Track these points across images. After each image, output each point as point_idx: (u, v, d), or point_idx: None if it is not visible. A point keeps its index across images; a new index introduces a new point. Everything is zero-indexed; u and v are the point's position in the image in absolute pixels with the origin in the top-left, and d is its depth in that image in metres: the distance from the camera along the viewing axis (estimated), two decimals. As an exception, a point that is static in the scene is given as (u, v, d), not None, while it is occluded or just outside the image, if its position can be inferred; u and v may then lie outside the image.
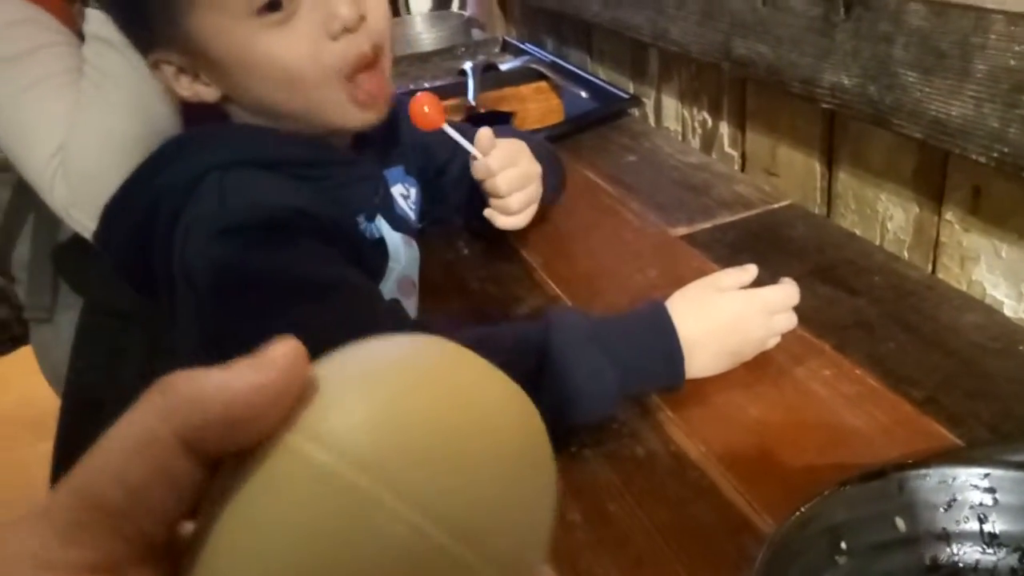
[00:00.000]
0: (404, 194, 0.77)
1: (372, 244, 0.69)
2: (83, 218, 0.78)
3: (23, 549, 0.18)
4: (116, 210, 0.64)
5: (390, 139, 0.75)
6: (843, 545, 0.39)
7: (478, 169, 0.75)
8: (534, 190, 0.79)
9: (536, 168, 0.80)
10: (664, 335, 0.60)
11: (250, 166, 0.61)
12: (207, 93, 0.64)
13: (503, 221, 0.78)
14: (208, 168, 0.60)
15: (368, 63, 0.62)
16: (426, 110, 0.73)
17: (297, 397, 0.20)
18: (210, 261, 0.57)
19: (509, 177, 0.76)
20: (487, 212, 0.78)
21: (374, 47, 0.62)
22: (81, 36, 0.89)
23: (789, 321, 0.65)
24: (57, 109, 0.84)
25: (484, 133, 0.75)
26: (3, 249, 1.04)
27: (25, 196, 0.95)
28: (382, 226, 0.70)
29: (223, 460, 0.20)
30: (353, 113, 0.64)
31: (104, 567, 0.18)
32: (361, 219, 0.69)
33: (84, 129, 0.80)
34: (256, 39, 0.59)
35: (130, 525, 0.18)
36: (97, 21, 0.82)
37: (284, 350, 0.20)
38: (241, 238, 0.57)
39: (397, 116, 0.74)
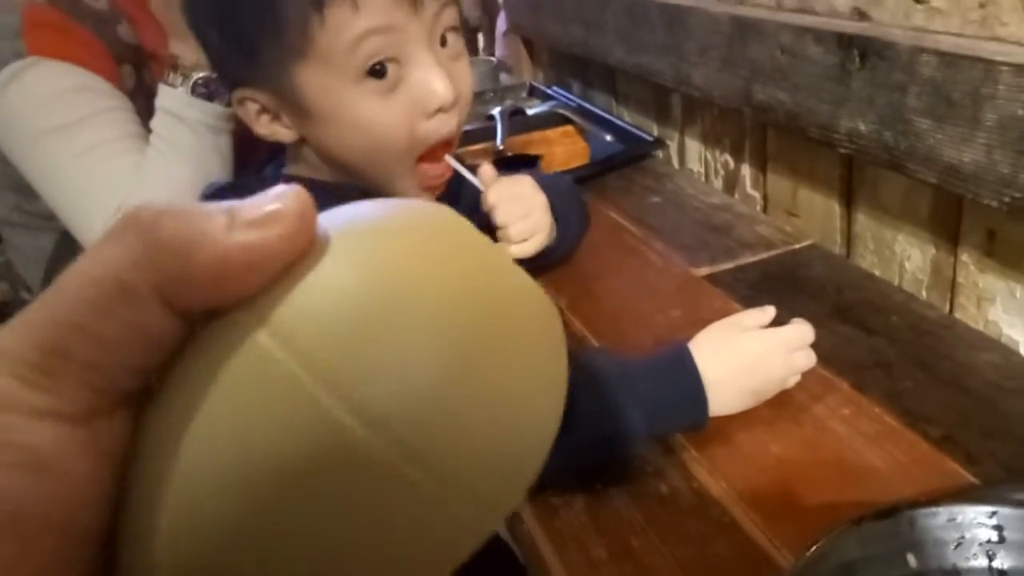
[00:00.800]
0: None
1: None
2: None
3: None
4: None
5: (448, 200, 0.79)
6: (856, 580, 0.41)
7: (481, 202, 0.79)
8: (537, 219, 0.82)
9: (539, 198, 0.83)
10: (688, 377, 0.63)
11: None
12: (285, 135, 0.68)
13: (512, 250, 0.81)
14: None
15: (447, 142, 0.67)
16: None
17: (300, 255, 0.17)
18: None
19: (507, 208, 0.79)
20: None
21: (457, 129, 0.67)
22: (128, 95, 0.94)
23: (808, 359, 0.67)
24: (114, 174, 0.89)
25: (487, 168, 0.79)
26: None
27: (70, 246, 1.00)
28: None
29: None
30: (413, 191, 0.68)
31: (70, 416, 0.16)
32: None
33: (148, 195, 0.84)
34: (357, 100, 0.63)
35: (100, 377, 0.17)
36: (169, 97, 0.88)
37: (295, 205, 0.17)
38: None
39: (459, 181, 0.78)
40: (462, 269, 0.19)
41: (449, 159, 0.77)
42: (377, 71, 0.63)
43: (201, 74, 0.87)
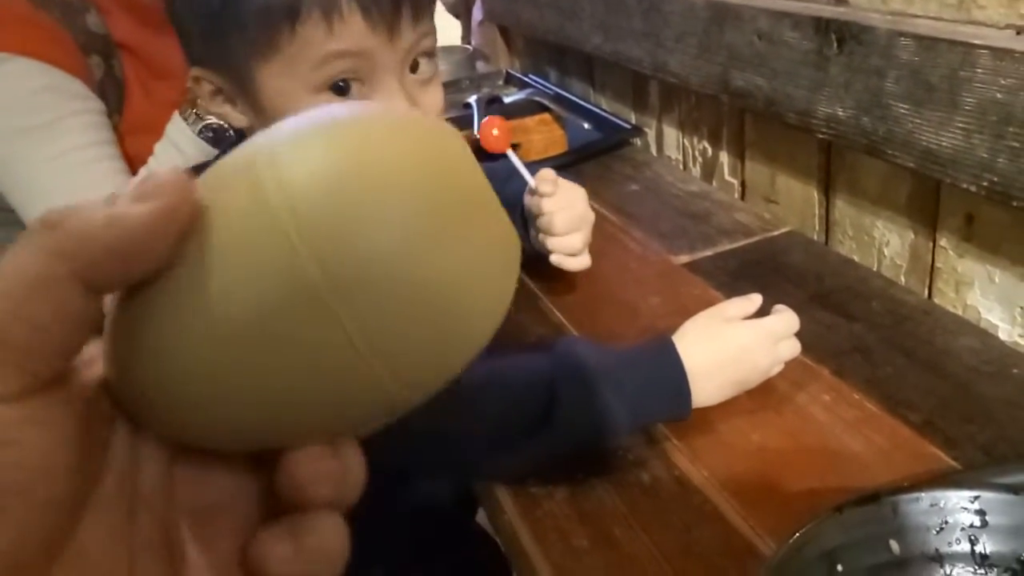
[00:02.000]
0: None
1: None
2: None
3: None
4: None
5: None
6: (839, 568, 0.41)
7: (532, 205, 0.78)
8: (588, 233, 0.82)
9: (591, 215, 0.83)
10: (671, 369, 0.62)
11: None
12: (236, 119, 0.66)
13: (571, 263, 0.81)
14: None
15: None
16: (495, 132, 0.76)
17: (188, 223, 0.20)
18: None
19: (566, 217, 0.78)
20: (554, 258, 0.81)
21: None
22: (94, 87, 0.93)
23: (793, 348, 0.67)
24: (83, 184, 0.87)
25: (547, 171, 0.78)
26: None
27: None
28: None
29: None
30: None
31: (11, 397, 0.19)
32: None
33: None
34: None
35: (34, 361, 0.19)
36: (177, 128, 0.88)
37: (168, 176, 0.20)
38: None
39: None
40: (433, 161, 0.22)
41: (511, 154, 0.76)
42: (340, 88, 0.61)
43: (212, 121, 0.87)
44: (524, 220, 0.85)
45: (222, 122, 0.87)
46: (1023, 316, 0.72)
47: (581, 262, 0.81)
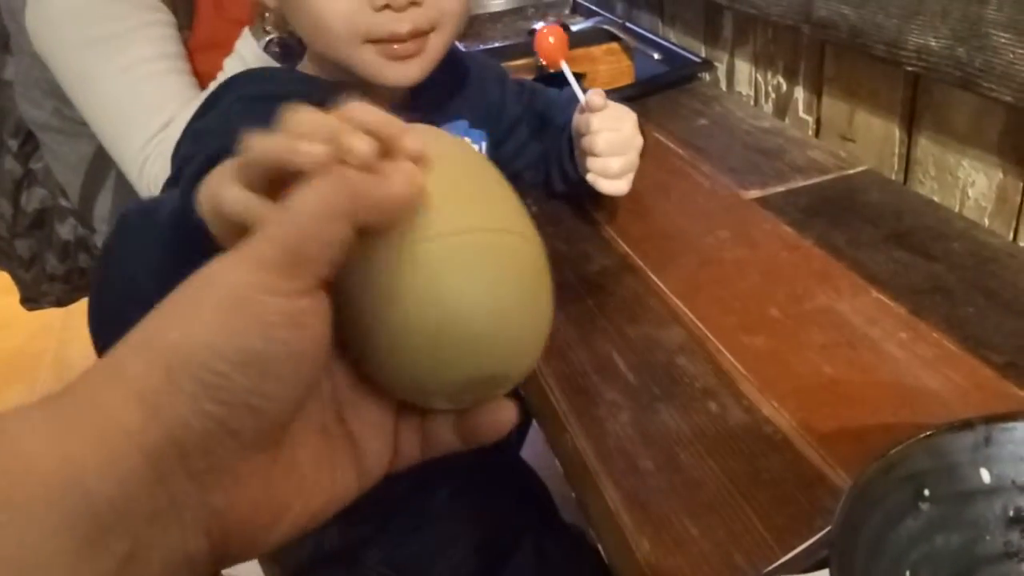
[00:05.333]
0: None
1: None
2: None
3: (251, 279, 0.25)
4: (175, 155, 0.66)
5: (450, 91, 0.76)
6: (926, 492, 0.40)
7: (580, 123, 0.76)
8: (634, 158, 0.79)
9: (639, 139, 0.79)
10: None
11: (275, 101, 0.63)
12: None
13: (605, 185, 0.77)
14: (240, 100, 0.63)
15: (400, 40, 0.63)
16: (551, 40, 0.73)
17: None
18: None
19: (610, 139, 0.75)
20: (589, 177, 0.78)
21: (414, 30, 0.62)
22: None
23: None
24: (154, 97, 0.87)
25: (596, 91, 0.75)
26: (85, 201, 1.08)
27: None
28: None
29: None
30: (388, 69, 0.64)
31: (307, 292, 0.26)
32: None
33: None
34: None
35: (320, 267, 0.26)
36: (246, 45, 0.88)
37: (412, 171, 0.28)
38: (201, 149, 0.57)
39: (465, 70, 0.75)
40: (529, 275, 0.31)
41: (565, 67, 0.73)
42: None
43: (277, 35, 0.86)
44: (571, 153, 0.82)
45: (289, 37, 0.86)
46: (1117, 262, 0.69)
47: (616, 186, 0.78)
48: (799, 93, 1.06)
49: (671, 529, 0.51)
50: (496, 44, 1.33)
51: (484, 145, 0.82)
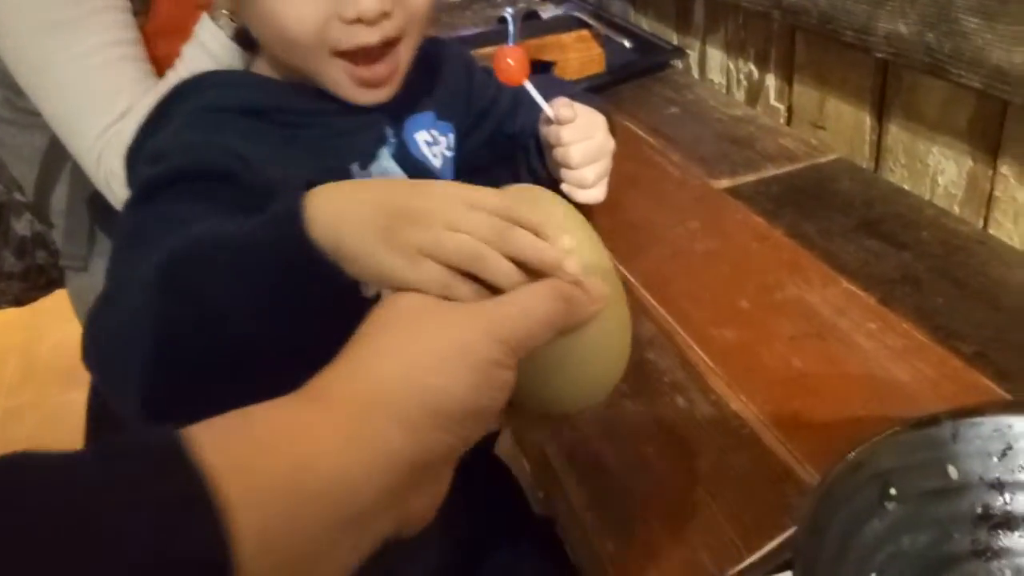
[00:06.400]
0: (429, 140, 0.76)
1: None
2: (123, 192, 0.79)
3: (490, 352, 0.33)
4: (132, 170, 0.63)
5: (418, 83, 0.73)
6: (892, 491, 0.39)
7: (550, 135, 0.74)
8: (607, 164, 0.77)
9: (611, 143, 0.77)
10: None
11: (233, 112, 0.60)
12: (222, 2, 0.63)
13: (582, 195, 0.76)
14: (194, 112, 0.60)
15: (370, 53, 0.60)
16: (510, 62, 0.71)
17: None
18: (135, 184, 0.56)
19: (584, 149, 0.73)
20: (564, 187, 0.76)
21: (384, 39, 0.60)
22: None
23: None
24: (109, 85, 0.84)
25: (563, 101, 0.73)
26: (40, 195, 1.05)
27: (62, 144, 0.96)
28: (390, 170, 0.69)
29: None
30: (353, 92, 0.62)
31: (506, 366, 0.33)
32: (355, 167, 0.67)
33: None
34: None
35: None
36: (208, 31, 0.84)
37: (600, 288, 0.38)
38: (163, 170, 0.54)
39: (433, 60, 0.73)
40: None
41: (528, 86, 0.71)
42: None
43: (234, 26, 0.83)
44: (539, 150, 0.80)
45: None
46: (1086, 249, 0.68)
47: (592, 195, 0.76)
48: (770, 80, 1.05)
49: (636, 529, 0.50)
50: (465, 32, 1.31)
51: (452, 137, 0.79)
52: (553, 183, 0.78)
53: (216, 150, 0.55)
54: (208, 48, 0.85)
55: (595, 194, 0.76)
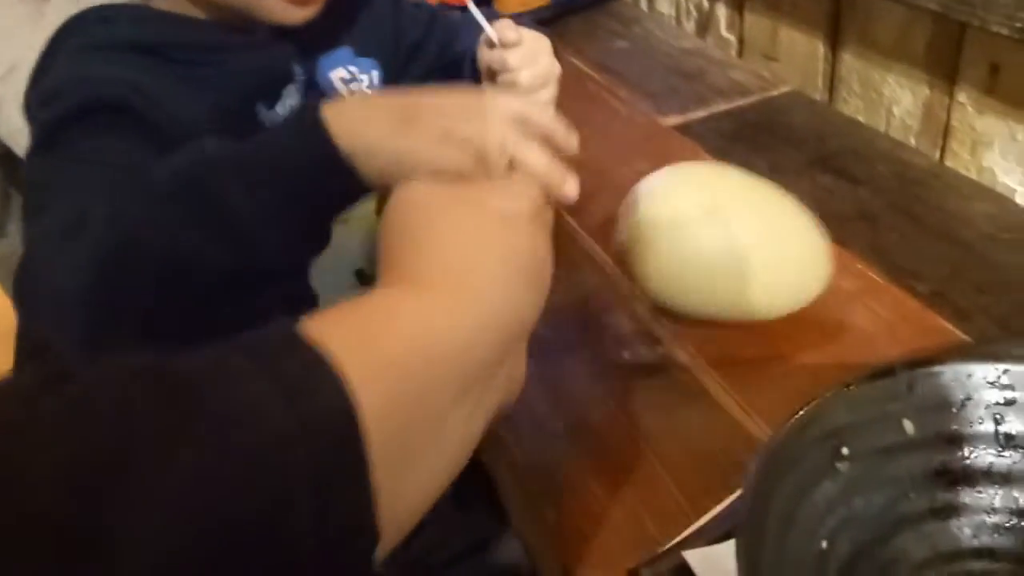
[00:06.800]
0: (346, 77, 0.71)
1: None
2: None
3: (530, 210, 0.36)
4: (32, 117, 0.57)
5: (332, 17, 0.68)
6: (844, 451, 0.36)
7: (493, 59, 0.68)
8: (554, 91, 0.72)
9: (557, 67, 0.72)
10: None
11: (121, 49, 0.55)
12: None
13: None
14: (83, 49, 0.55)
15: None
16: None
17: None
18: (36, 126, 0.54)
19: (532, 73, 0.68)
20: None
21: None
22: None
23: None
24: (4, 25, 0.77)
25: (506, 23, 0.68)
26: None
27: None
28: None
29: None
30: (281, 9, 0.57)
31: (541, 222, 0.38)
32: (261, 107, 0.62)
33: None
34: None
35: None
36: None
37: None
38: (60, 110, 0.52)
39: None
40: None
41: (471, 6, 0.66)
42: None
43: None
44: (476, 76, 0.75)
45: None
46: (1045, 179, 0.65)
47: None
48: (721, 11, 1.00)
49: (579, 496, 0.47)
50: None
51: (375, 74, 0.74)
52: None
53: (110, 83, 0.53)
54: None
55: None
